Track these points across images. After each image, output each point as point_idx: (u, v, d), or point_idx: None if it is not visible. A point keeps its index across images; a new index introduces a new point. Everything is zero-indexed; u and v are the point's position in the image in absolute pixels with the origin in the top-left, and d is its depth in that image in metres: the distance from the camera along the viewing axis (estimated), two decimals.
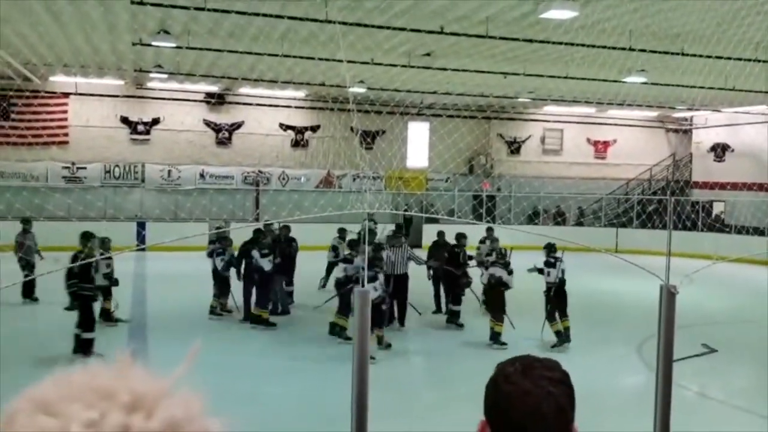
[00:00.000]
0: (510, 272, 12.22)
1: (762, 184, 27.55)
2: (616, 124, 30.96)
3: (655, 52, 15.56)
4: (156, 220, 22.63)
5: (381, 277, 11.50)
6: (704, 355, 11.62)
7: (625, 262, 4.46)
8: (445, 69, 18.61)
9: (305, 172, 27.53)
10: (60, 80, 23.85)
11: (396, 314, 13.29)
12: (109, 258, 12.34)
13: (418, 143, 28.74)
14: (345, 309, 11.65)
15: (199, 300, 14.04)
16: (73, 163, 24.94)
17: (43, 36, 16.93)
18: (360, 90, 22.83)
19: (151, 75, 22.59)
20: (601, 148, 31.50)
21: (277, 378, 10.11)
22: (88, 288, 10.78)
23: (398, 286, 13.11)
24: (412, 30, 14.38)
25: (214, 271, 13.83)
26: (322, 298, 14.77)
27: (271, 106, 26.84)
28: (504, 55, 17.26)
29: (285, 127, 27.58)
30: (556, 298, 12.15)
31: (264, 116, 27.01)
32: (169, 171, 25.95)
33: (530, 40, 15.19)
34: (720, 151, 30.23)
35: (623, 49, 15.22)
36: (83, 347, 10.46)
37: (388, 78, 20.23)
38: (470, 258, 14.05)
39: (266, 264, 12.87)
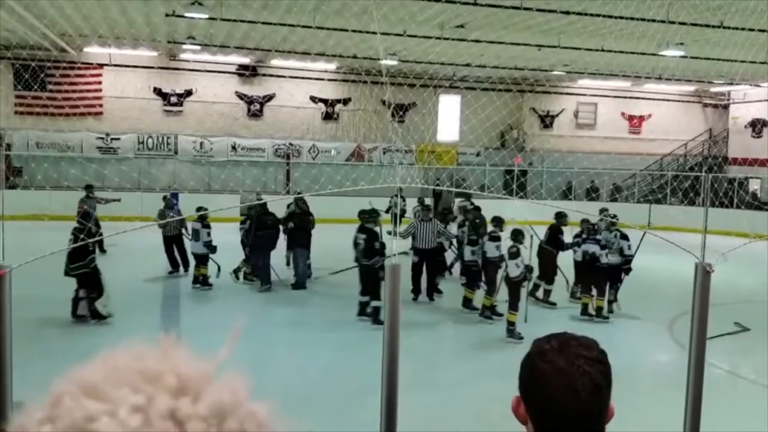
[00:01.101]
0: (603, 247, 12.22)
1: None
2: (651, 99, 30.43)
3: (694, 24, 15.23)
4: (190, 191, 22.80)
5: (523, 253, 11.28)
6: (736, 333, 11.50)
7: (658, 239, 4.41)
8: (479, 41, 18.41)
9: (336, 145, 27.52)
10: (95, 51, 24.04)
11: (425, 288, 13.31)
12: (209, 227, 13.41)
13: (449, 117, 28.54)
14: (489, 289, 11.99)
15: (229, 270, 14.24)
16: (108, 134, 25.21)
17: (78, 7, 17.06)
18: (392, 62, 22.70)
19: (184, 47, 22.67)
20: (636, 122, 31.03)
21: (305, 349, 10.21)
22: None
23: (426, 260, 13.12)
24: (447, 1, 14.23)
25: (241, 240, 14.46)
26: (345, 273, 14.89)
27: (302, 78, 26.82)
28: (539, 27, 17.02)
29: (316, 100, 27.57)
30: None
31: (295, 89, 27.01)
32: (202, 143, 26.12)
33: (566, 12, 14.95)
34: (759, 126, 29.61)
35: (662, 21, 14.92)
36: (373, 315, 11.24)
37: (420, 50, 20.08)
38: (569, 246, 13.20)
39: (360, 240, 12.67)
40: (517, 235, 11.25)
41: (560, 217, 13.43)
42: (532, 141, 29.61)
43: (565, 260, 13.33)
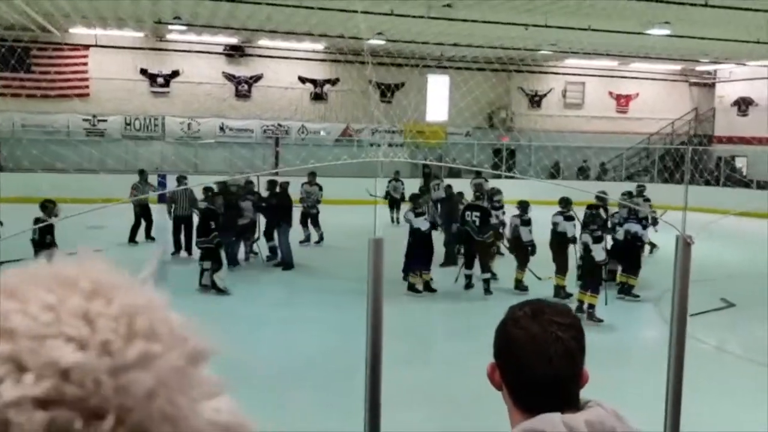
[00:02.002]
0: (644, 227, 12.18)
1: None
2: (638, 78, 30.47)
3: (679, 3, 15.23)
4: (179, 172, 22.71)
5: (607, 238, 11.21)
6: (722, 309, 11.61)
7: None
8: (465, 20, 18.35)
9: (325, 125, 27.45)
10: (80, 32, 23.80)
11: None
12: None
13: (438, 97, 28.48)
14: (563, 269, 12.00)
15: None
16: (94, 116, 25.03)
17: None
18: (379, 42, 22.59)
19: (171, 27, 22.46)
20: (623, 101, 31.09)
21: (294, 328, 10.25)
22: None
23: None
24: None
25: None
26: (332, 252, 14.89)
27: (290, 58, 26.67)
28: (524, 6, 16.99)
29: (304, 81, 27.44)
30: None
31: (283, 69, 26.87)
32: (189, 124, 25.99)
33: None
34: (743, 105, 29.74)
35: (647, 0, 14.92)
36: (485, 286, 12.19)
37: (407, 30, 19.99)
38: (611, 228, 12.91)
39: (423, 224, 12.32)
40: (595, 219, 11.26)
41: (599, 197, 13.31)
42: (520, 121, 29.62)
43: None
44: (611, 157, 29.75)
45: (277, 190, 14.40)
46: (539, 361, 1.53)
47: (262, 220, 14.51)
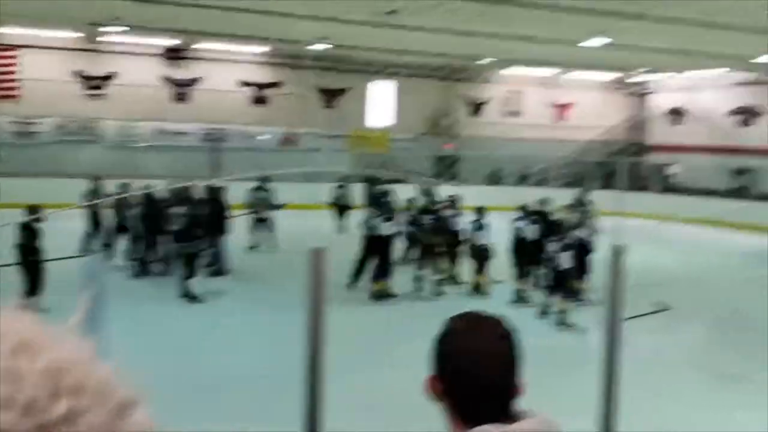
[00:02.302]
0: (590, 234, 12.37)
1: (716, 147, 28.05)
2: (576, 87, 31.12)
3: (615, 14, 15.61)
4: (116, 177, 22.21)
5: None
6: (657, 313, 11.88)
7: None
8: (407, 27, 18.45)
9: (266, 129, 27.19)
10: (10, 32, 23.05)
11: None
12: None
13: (382, 103, 28.55)
14: (524, 274, 12.20)
15: None
16: (26, 118, 24.25)
17: None
18: (323, 47, 22.52)
19: (108, 28, 21.96)
20: (561, 110, 31.68)
21: (235, 335, 10.13)
22: None
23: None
24: None
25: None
26: (276, 259, 14.80)
27: (231, 61, 26.37)
28: (467, 15, 17.17)
29: (246, 84, 27.17)
30: None
31: (224, 72, 26.55)
32: (126, 127, 25.42)
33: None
34: (677, 114, 30.64)
35: (584, 11, 15.25)
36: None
37: (352, 35, 19.99)
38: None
39: (388, 229, 12.21)
40: (561, 227, 11.48)
41: (545, 203, 13.55)
42: (463, 128, 29.89)
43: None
44: (549, 164, 30.22)
45: (212, 196, 14.22)
46: (477, 371, 1.54)
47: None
